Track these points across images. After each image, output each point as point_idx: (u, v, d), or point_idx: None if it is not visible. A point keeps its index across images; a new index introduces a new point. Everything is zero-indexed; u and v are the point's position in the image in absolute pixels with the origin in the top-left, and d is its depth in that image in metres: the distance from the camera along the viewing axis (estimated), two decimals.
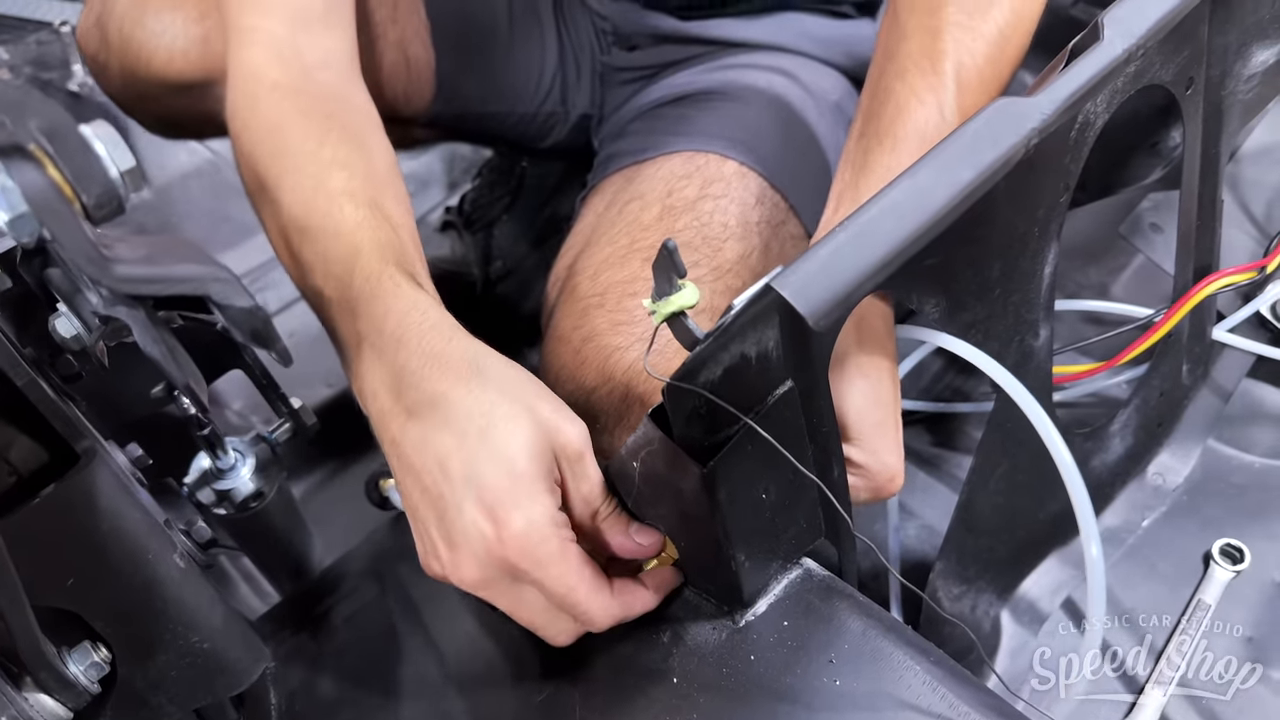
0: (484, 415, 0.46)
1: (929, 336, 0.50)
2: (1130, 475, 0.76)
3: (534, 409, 0.46)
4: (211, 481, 0.64)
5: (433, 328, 0.49)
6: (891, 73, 0.55)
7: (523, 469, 0.45)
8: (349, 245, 0.53)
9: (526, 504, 0.45)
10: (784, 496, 0.48)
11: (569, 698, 0.48)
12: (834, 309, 0.37)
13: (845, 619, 0.47)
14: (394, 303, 0.50)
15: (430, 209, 1.41)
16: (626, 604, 0.48)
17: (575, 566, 0.46)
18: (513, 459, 0.45)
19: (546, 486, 0.45)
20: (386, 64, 0.85)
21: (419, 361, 0.48)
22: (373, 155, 0.61)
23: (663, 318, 0.40)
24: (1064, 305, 0.79)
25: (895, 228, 0.38)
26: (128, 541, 0.44)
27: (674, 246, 0.37)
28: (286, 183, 0.57)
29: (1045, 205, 0.54)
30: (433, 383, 0.47)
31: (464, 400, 0.46)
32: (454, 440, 0.46)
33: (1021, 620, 0.70)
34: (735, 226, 0.70)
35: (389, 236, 0.54)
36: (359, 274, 0.52)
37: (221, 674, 0.47)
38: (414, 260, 0.55)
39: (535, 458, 0.45)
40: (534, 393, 0.48)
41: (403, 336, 0.49)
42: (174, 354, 0.32)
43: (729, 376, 0.42)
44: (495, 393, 0.47)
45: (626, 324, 0.67)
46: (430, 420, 0.47)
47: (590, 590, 0.46)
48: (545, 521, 0.45)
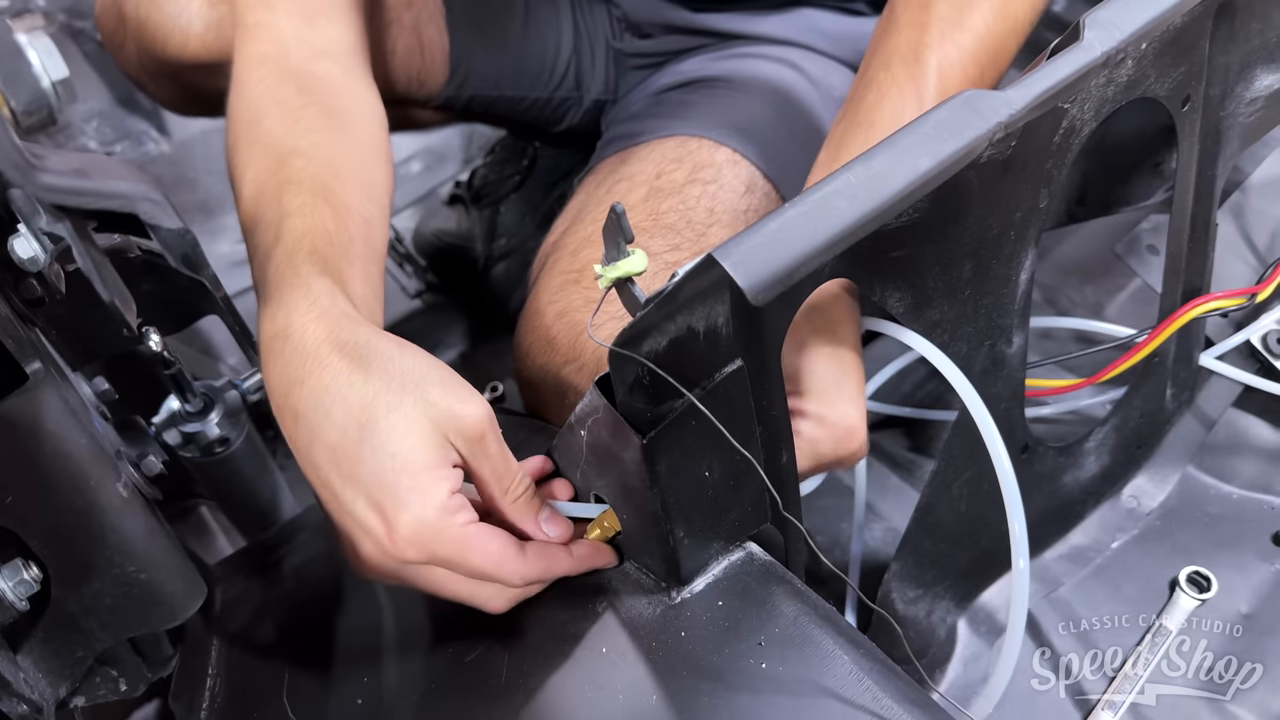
0: (365, 409, 0.45)
1: (882, 327, 0.49)
2: (1104, 496, 0.75)
3: (422, 394, 0.45)
4: (179, 424, 0.64)
5: (319, 317, 0.48)
6: (877, 63, 0.54)
7: (405, 462, 0.44)
8: (273, 235, 0.53)
9: (413, 499, 0.44)
10: (728, 476, 0.48)
11: (499, 659, 0.48)
12: (775, 284, 0.36)
13: (780, 604, 0.47)
14: (288, 294, 0.49)
15: (443, 182, 1.42)
16: (544, 567, 0.48)
17: (478, 547, 0.45)
18: (395, 453, 0.44)
19: (437, 475, 0.44)
20: (400, 47, 0.86)
21: (300, 357, 0.47)
22: (344, 142, 0.60)
23: (609, 282, 0.40)
24: (1045, 321, 0.78)
25: (846, 208, 0.38)
26: (70, 465, 0.44)
27: (622, 210, 0.37)
28: (248, 174, 0.57)
29: (1023, 209, 0.54)
30: (315, 377, 0.46)
31: (344, 394, 0.45)
32: (337, 437, 0.45)
33: (978, 631, 0.69)
34: (722, 213, 0.70)
35: (316, 224, 0.53)
36: (272, 265, 0.51)
37: (157, 606, 0.48)
38: (342, 246, 0.53)
39: (420, 448, 0.44)
40: (424, 377, 0.46)
41: (288, 330, 0.48)
42: (100, 270, 0.32)
43: (675, 349, 0.42)
44: (379, 382, 0.45)
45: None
46: (313, 418, 0.46)
47: (498, 563, 0.45)
48: (436, 514, 0.44)
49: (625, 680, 0.46)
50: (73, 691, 0.48)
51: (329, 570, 0.59)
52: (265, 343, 0.49)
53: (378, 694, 0.49)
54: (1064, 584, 0.71)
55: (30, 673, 0.45)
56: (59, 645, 0.46)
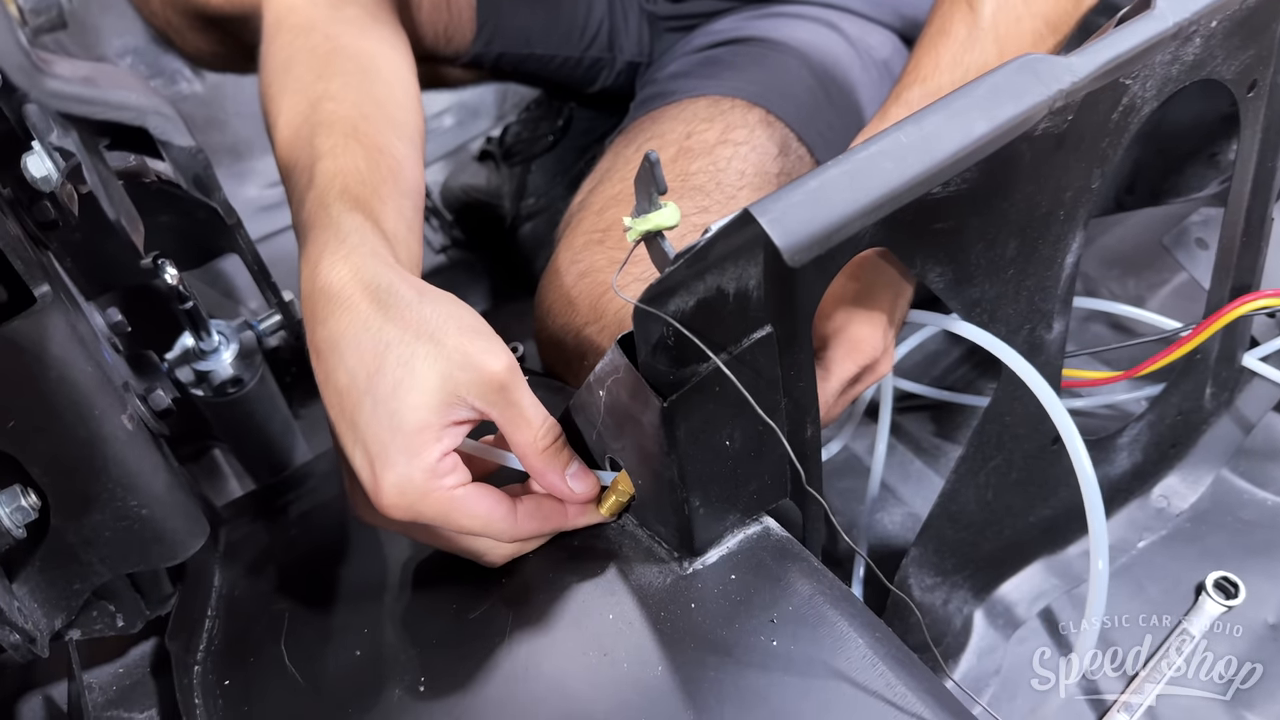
0: (376, 357, 0.43)
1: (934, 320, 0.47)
2: (1133, 494, 0.73)
3: (438, 344, 0.43)
4: (192, 361, 0.63)
5: (346, 257, 0.46)
6: (935, 22, 0.52)
7: (401, 421, 0.43)
8: (307, 179, 0.52)
9: (400, 460, 0.42)
10: (749, 447, 0.46)
11: (503, 618, 0.47)
12: (813, 245, 0.34)
13: (795, 581, 0.46)
14: (319, 234, 0.48)
15: (474, 137, 1.40)
16: (535, 526, 0.47)
17: (464, 509, 0.44)
18: (394, 410, 0.43)
19: (429, 437, 0.43)
20: (427, 3, 0.84)
21: (325, 297, 0.46)
22: (373, 84, 0.59)
23: (638, 235, 0.39)
24: (1086, 303, 0.75)
25: (893, 170, 0.36)
26: (75, 393, 0.43)
27: (656, 159, 0.35)
28: (281, 121, 0.57)
29: (1074, 188, 0.51)
30: (335, 319, 0.45)
31: (358, 340, 0.44)
32: (346, 382, 0.44)
33: (995, 623, 0.67)
34: (752, 175, 0.68)
35: (347, 164, 0.52)
36: (306, 208, 0.50)
37: (158, 542, 0.47)
38: (374, 184, 0.52)
39: (420, 407, 0.43)
40: (442, 325, 0.44)
41: (317, 270, 0.47)
42: (111, 191, 0.30)
43: (703, 310, 0.40)
44: (394, 330, 0.44)
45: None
46: (329, 360, 0.45)
47: (485, 523, 0.44)
48: (422, 477, 0.43)
49: (631, 647, 0.44)
50: (68, 624, 0.47)
51: (336, 518, 0.58)
52: (302, 285, 0.48)
53: (377, 646, 0.48)
54: (1086, 581, 0.69)
55: (25, 602, 0.44)
56: (56, 576, 0.45)
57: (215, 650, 0.50)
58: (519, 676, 0.44)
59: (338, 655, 0.48)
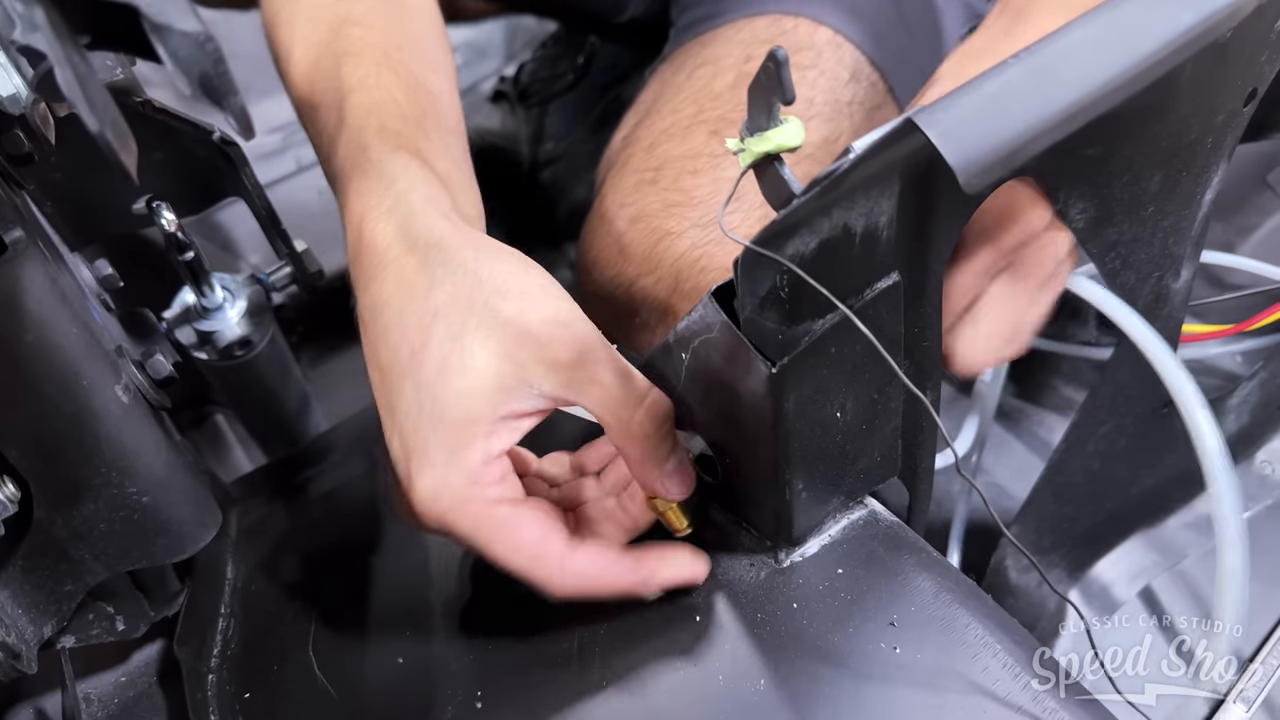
0: (421, 330, 0.37)
1: None
2: (1235, 458, 0.66)
3: (495, 313, 0.36)
4: (194, 320, 0.56)
5: (392, 208, 0.40)
6: None
7: (444, 410, 0.36)
8: (336, 117, 0.45)
9: (439, 459, 0.36)
10: (862, 418, 0.39)
11: (568, 619, 0.40)
12: (994, 166, 0.27)
13: (915, 577, 0.39)
14: (359, 181, 0.41)
15: (483, 78, 1.31)
16: (591, 582, 0.38)
17: (505, 535, 0.36)
18: (436, 397, 0.36)
19: (477, 432, 0.36)
20: None
21: (370, 256, 0.39)
22: (402, 12, 0.52)
23: (753, 159, 0.31)
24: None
25: (1090, 70, 0.28)
26: (57, 360, 0.36)
27: (784, 56, 0.28)
28: (296, 52, 0.50)
29: (1226, 111, 0.44)
30: (378, 284, 0.38)
31: (402, 311, 0.37)
32: (388, 358, 0.37)
33: (1092, 604, 0.61)
34: (822, 104, 0.60)
35: (383, 97, 0.45)
36: (339, 152, 0.44)
37: (162, 535, 0.40)
38: (415, 119, 0.45)
39: (469, 394, 0.36)
40: (501, 287, 0.37)
41: (362, 224, 0.40)
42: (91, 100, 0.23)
43: (824, 253, 0.33)
44: (443, 296, 0.37)
45: (683, 205, 0.58)
46: (373, 332, 0.38)
47: (529, 561, 0.36)
48: (461, 482, 0.36)
49: (725, 656, 0.38)
50: (60, 631, 0.40)
51: (366, 498, 0.51)
52: (348, 243, 0.41)
53: (422, 652, 0.41)
54: (1189, 556, 0.63)
55: (8, 608, 0.37)
56: (43, 577, 0.38)
57: (232, 657, 0.43)
58: (594, 693, 0.38)
59: (377, 663, 0.41)
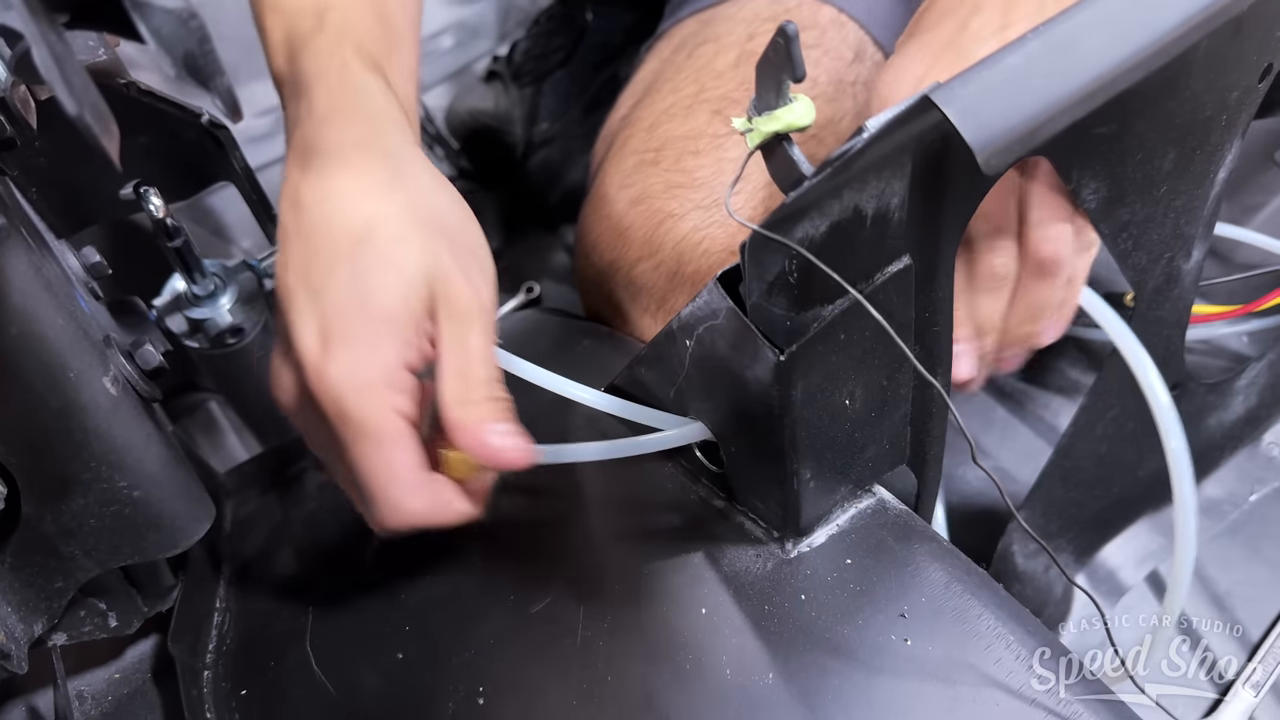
0: (371, 227, 0.38)
1: None
2: (1243, 441, 0.66)
3: (432, 245, 0.38)
4: (185, 307, 0.55)
5: (367, 119, 0.41)
6: None
7: (376, 306, 0.37)
8: (314, 22, 0.44)
9: (360, 348, 0.36)
10: (871, 405, 0.38)
11: (571, 613, 0.39)
12: (1014, 145, 0.26)
13: (925, 567, 0.38)
14: (337, 86, 0.42)
15: (475, 59, 1.29)
16: (426, 516, 0.38)
17: (386, 445, 0.36)
18: (371, 289, 0.37)
19: (400, 338, 0.37)
20: None
21: (329, 149, 0.40)
22: None
23: (761, 139, 0.30)
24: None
25: (1112, 44, 0.27)
26: (43, 352, 0.34)
27: (794, 32, 0.27)
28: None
29: (1240, 88, 0.43)
30: (336, 173, 0.39)
31: (360, 200, 0.39)
32: (326, 245, 0.38)
33: (1099, 589, 0.60)
34: (825, 84, 0.59)
35: (360, 21, 0.45)
36: (313, 51, 0.43)
37: (154, 530, 0.39)
38: (387, 51, 0.45)
39: (399, 298, 0.37)
40: (445, 227, 0.39)
41: (329, 120, 0.40)
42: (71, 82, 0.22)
43: (835, 237, 0.32)
44: (398, 207, 0.39)
45: (685, 187, 0.57)
46: (313, 214, 0.39)
47: (388, 482, 0.37)
48: (375, 376, 0.36)
49: (732, 650, 0.37)
50: (51, 628, 0.39)
51: None
52: (294, 135, 0.42)
53: (422, 647, 0.40)
54: None
55: None
56: (32, 574, 0.37)
57: (227, 652, 0.43)
58: (597, 688, 0.37)
59: (376, 658, 0.40)
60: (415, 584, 0.43)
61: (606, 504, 0.44)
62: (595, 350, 0.56)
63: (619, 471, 0.44)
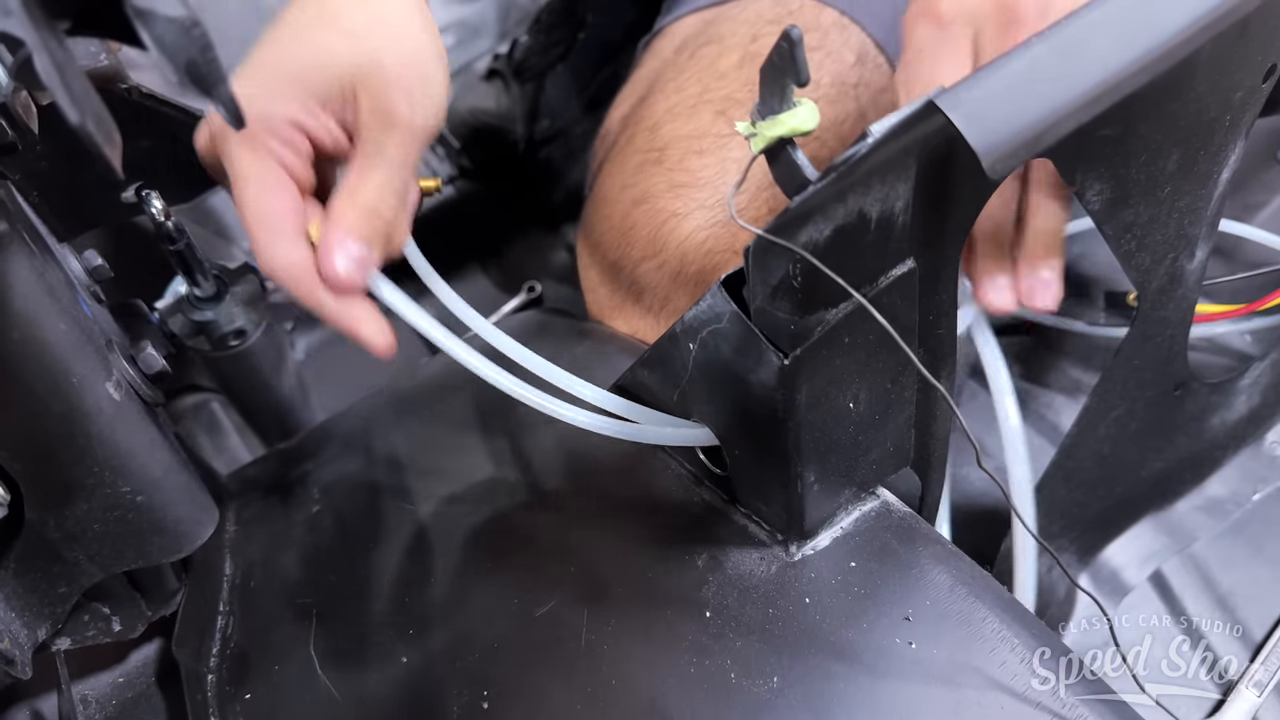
0: (333, 15, 0.40)
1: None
2: (1246, 440, 0.66)
3: (378, 49, 0.39)
4: (188, 310, 0.55)
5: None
6: None
7: (289, 65, 0.39)
8: None
9: (265, 83, 0.39)
10: (875, 409, 0.38)
11: (576, 617, 0.39)
12: (1019, 149, 0.26)
13: (930, 570, 0.38)
14: None
15: (476, 57, 1.29)
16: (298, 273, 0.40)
17: (253, 184, 0.39)
18: (295, 54, 0.39)
19: (297, 100, 0.39)
20: None
21: None
22: None
23: (765, 144, 0.30)
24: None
25: (1118, 48, 0.27)
26: (46, 357, 0.34)
27: (799, 36, 0.27)
28: None
29: (1244, 88, 0.43)
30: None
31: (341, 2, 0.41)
32: (297, 10, 0.41)
33: (1102, 589, 0.60)
34: (828, 86, 0.59)
35: None
36: None
37: (158, 534, 0.39)
38: None
39: (316, 68, 0.39)
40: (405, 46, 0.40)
41: None
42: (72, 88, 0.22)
43: (839, 241, 0.32)
44: (368, 16, 0.40)
45: (688, 186, 0.57)
46: None
47: (255, 222, 0.39)
48: (254, 116, 0.38)
49: (736, 653, 0.37)
50: (55, 633, 0.39)
51: (367, 491, 0.50)
52: None
53: (426, 651, 0.40)
54: (1199, 539, 0.62)
55: (0, 613, 0.36)
56: (36, 579, 0.37)
57: (232, 656, 0.43)
58: (602, 692, 0.37)
59: (380, 661, 0.41)
60: (419, 587, 0.43)
61: (610, 507, 0.44)
62: (598, 352, 0.56)
63: (623, 475, 0.44)
